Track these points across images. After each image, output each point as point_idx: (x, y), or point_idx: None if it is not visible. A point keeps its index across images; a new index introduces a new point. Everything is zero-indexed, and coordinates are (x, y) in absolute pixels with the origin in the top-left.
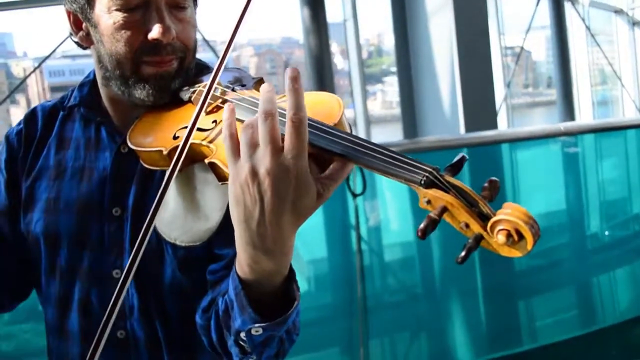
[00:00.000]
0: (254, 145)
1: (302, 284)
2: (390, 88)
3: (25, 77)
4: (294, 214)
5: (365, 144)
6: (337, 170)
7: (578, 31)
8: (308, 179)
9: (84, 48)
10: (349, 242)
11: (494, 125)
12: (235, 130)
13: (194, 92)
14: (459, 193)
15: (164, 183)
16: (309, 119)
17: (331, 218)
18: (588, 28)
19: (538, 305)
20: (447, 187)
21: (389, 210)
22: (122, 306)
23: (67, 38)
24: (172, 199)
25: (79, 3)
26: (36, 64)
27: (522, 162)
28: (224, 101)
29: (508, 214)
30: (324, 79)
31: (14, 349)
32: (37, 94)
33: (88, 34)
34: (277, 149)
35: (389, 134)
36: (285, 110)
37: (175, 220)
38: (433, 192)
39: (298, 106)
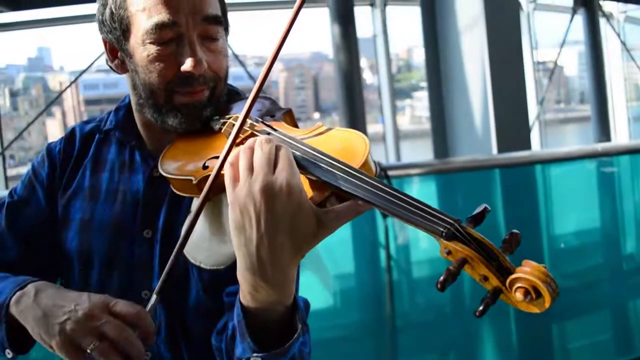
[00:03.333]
0: (251, 169)
1: (328, 300)
2: (419, 103)
3: (62, 91)
4: (291, 237)
5: (388, 190)
6: (348, 207)
7: (613, 46)
8: (301, 197)
9: (120, 73)
10: (377, 259)
11: (527, 143)
12: (237, 159)
13: (224, 123)
14: (479, 246)
15: (193, 214)
16: (336, 160)
17: (359, 235)
18: (623, 43)
19: (572, 329)
20: (468, 240)
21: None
22: None
23: (102, 54)
24: (198, 222)
25: (115, 34)
26: (72, 78)
27: (556, 181)
28: (252, 134)
29: (527, 272)
30: (353, 93)
31: (43, 357)
32: (72, 107)
33: (123, 62)
34: (270, 169)
35: (417, 149)
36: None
37: (200, 243)
38: (454, 245)
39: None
